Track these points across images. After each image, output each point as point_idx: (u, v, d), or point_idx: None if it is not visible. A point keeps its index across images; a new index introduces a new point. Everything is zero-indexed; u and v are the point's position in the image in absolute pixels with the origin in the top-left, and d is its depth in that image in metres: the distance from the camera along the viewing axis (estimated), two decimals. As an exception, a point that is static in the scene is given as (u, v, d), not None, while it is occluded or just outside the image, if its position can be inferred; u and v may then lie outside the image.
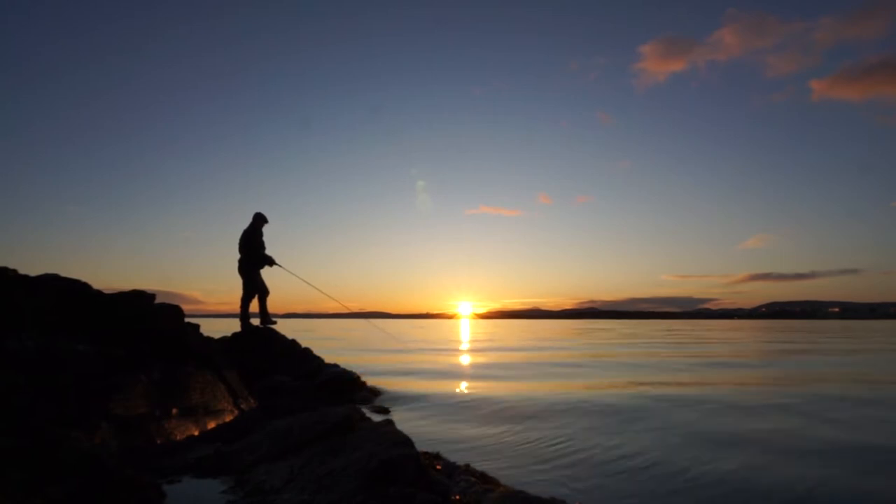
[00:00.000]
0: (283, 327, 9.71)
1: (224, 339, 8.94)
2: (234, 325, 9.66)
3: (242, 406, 6.20)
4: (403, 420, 6.77)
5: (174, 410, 5.10)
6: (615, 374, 12.43)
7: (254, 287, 9.43)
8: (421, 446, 4.12)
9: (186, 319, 6.94)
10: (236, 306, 9.48)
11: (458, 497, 3.38)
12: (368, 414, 6.43)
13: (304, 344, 9.72)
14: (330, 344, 24.63)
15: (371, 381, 9.34)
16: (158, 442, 4.67)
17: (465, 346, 26.17)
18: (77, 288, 6.06)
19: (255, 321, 9.47)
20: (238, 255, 9.48)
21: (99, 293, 6.23)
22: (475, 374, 12.78)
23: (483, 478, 3.98)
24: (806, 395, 8.96)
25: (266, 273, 9.62)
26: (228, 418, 5.75)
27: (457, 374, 12.75)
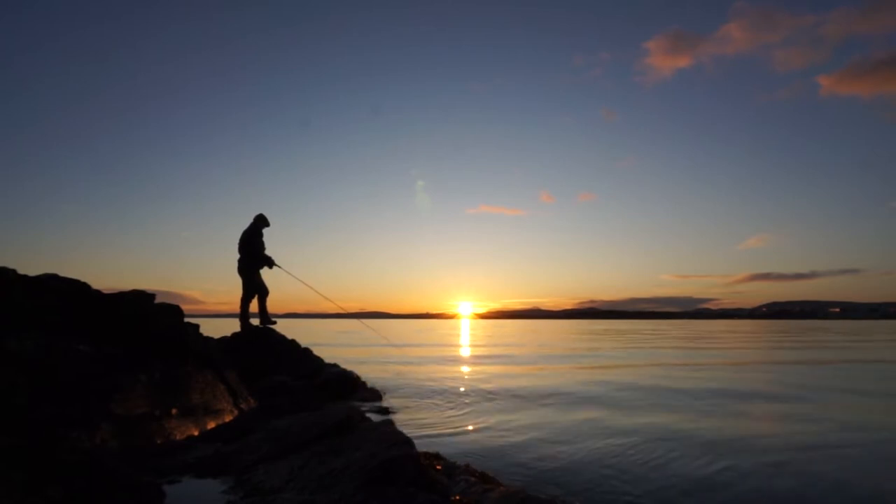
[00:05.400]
0: (283, 327, 9.71)
1: (224, 339, 8.94)
2: (234, 325, 9.66)
3: (242, 406, 6.20)
4: (403, 420, 6.77)
5: (174, 410, 5.10)
6: (616, 374, 12.43)
7: (253, 287, 9.44)
8: (421, 446, 4.12)
9: (186, 319, 6.94)
10: (236, 306, 9.49)
11: (458, 497, 3.39)
12: (368, 414, 6.43)
13: (303, 344, 9.73)
14: (329, 344, 24.63)
15: (371, 381, 9.35)
16: (158, 442, 4.67)
17: (465, 346, 26.17)
18: (77, 288, 6.05)
19: (255, 321, 9.48)
20: (238, 256, 9.49)
21: (99, 293, 6.22)
22: (475, 374, 12.78)
23: (483, 478, 3.98)
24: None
25: (266, 273, 9.63)
26: (228, 418, 5.75)
27: (457, 374, 12.75)
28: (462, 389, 9.71)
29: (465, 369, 13.92)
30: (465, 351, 22.02)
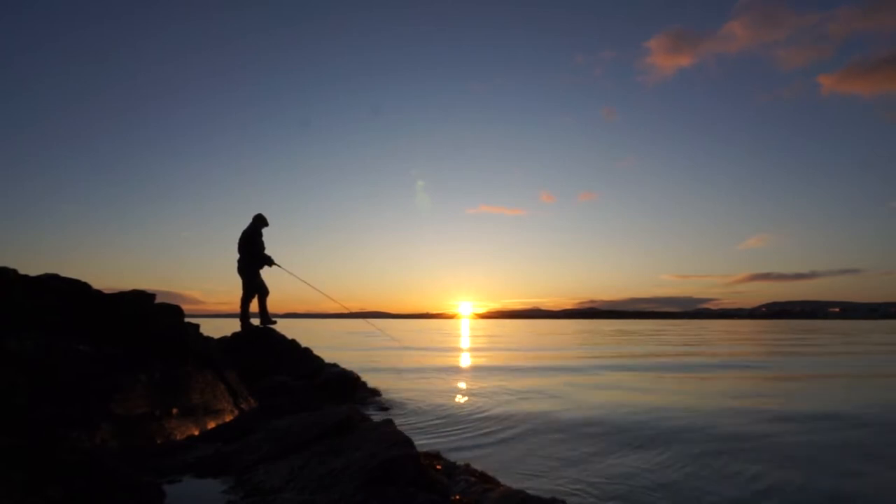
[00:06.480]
0: (283, 327, 9.71)
1: (224, 339, 8.94)
2: (234, 325, 9.66)
3: (242, 406, 6.19)
4: (403, 420, 6.77)
5: (174, 410, 5.09)
6: (615, 374, 12.43)
7: (253, 287, 9.43)
8: (421, 446, 4.12)
9: (186, 319, 6.93)
10: (236, 306, 9.49)
11: (458, 497, 3.38)
12: (369, 414, 6.43)
13: (303, 344, 9.72)
14: (329, 344, 24.63)
15: (371, 381, 9.34)
16: (158, 442, 4.67)
17: (465, 346, 26.16)
18: (77, 288, 6.05)
19: (255, 321, 9.47)
20: (237, 256, 9.49)
21: (99, 293, 6.22)
22: (475, 374, 12.78)
23: (483, 478, 3.97)
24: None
25: (266, 273, 9.63)
26: (228, 418, 5.74)
27: (457, 374, 12.75)
28: (462, 391, 9.71)
29: (465, 371, 13.92)
30: (466, 352, 22.02)
